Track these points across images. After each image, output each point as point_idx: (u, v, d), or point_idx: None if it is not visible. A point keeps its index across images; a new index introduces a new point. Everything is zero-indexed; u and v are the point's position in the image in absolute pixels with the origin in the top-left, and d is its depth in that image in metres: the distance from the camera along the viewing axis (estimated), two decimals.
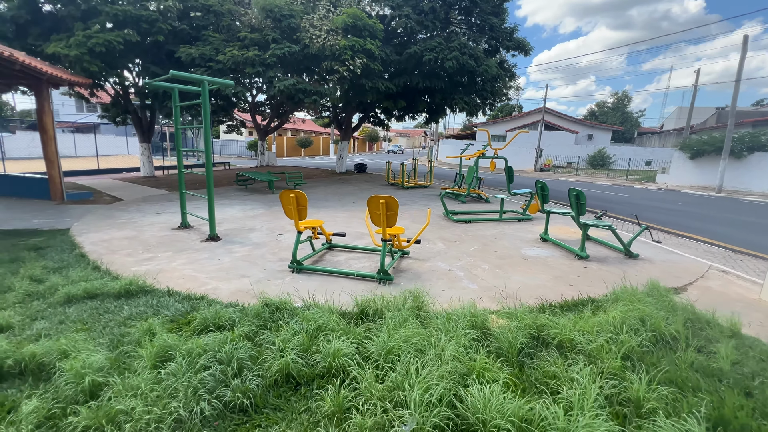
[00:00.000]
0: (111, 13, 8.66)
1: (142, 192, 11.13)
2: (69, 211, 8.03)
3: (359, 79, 9.87)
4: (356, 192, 11.95)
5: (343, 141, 18.24)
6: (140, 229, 6.68)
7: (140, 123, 15.10)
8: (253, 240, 6.17)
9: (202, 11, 9.72)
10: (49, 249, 5.43)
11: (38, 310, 3.50)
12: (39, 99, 8.41)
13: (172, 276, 4.44)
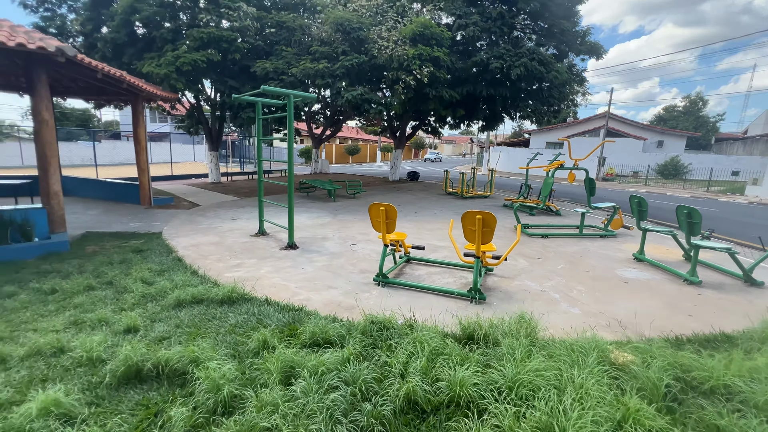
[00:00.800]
0: (197, 36, 9.41)
1: (214, 198, 11.85)
2: (157, 215, 8.71)
3: (423, 88, 9.84)
4: (415, 201, 11.84)
5: (397, 149, 18.30)
6: (222, 235, 7.04)
7: (210, 133, 16.21)
8: (329, 249, 6.24)
9: (275, 27, 10.26)
10: (149, 252, 5.86)
11: (154, 312, 3.72)
12: (135, 113, 9.26)
13: (264, 284, 4.56)
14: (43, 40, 5.29)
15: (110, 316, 3.62)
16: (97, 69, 6.16)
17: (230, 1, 9.59)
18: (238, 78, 10.74)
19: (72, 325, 3.48)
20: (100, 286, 4.41)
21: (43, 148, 5.86)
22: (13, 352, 2.99)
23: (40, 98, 5.74)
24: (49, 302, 3.98)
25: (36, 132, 5.79)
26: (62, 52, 5.24)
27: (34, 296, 4.10)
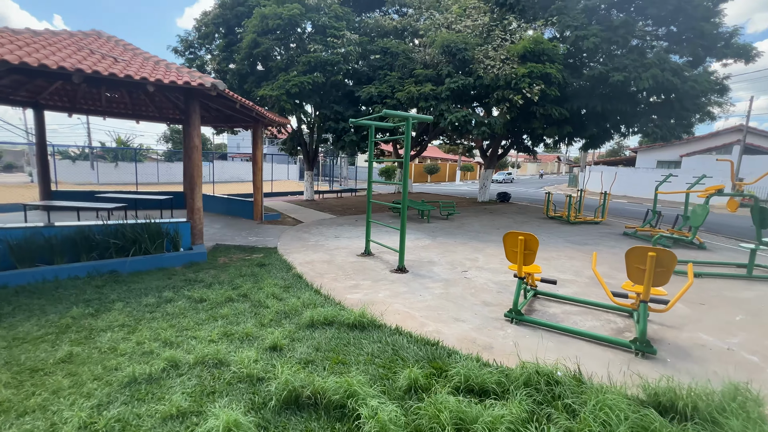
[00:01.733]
0: (305, 61, 10.26)
1: (313, 215, 12.52)
2: (269, 231, 9.41)
3: (530, 107, 9.27)
4: (516, 226, 11.04)
5: (488, 169, 17.58)
6: (330, 254, 7.24)
7: (308, 154, 17.45)
8: (440, 275, 5.97)
9: (380, 53, 10.74)
10: (271, 266, 6.23)
11: (291, 331, 3.79)
12: (255, 138, 10.31)
13: (387, 310, 4.42)
14: (201, 77, 6.11)
15: (254, 331, 3.77)
16: (236, 100, 6.92)
17: (335, 29, 10.33)
18: (342, 102, 11.42)
19: (224, 336, 3.69)
20: (238, 299, 4.72)
21: (192, 170, 6.70)
22: (182, 359, 3.24)
23: (193, 126, 6.61)
24: (200, 310, 4.35)
25: (188, 156, 6.67)
26: (215, 87, 5.98)
27: (187, 303, 4.52)
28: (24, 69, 4.94)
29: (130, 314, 4.23)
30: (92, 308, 4.35)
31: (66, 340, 3.64)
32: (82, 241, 5.69)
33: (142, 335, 3.68)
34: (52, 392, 2.83)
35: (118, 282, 5.29)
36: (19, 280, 5.05)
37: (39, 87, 9.57)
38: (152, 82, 5.53)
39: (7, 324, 3.95)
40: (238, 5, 11.69)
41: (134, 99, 10.91)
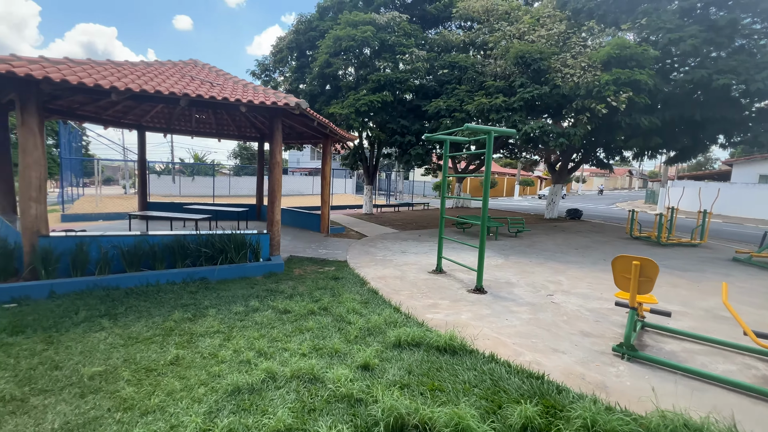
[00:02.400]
0: (374, 79, 10.51)
1: (375, 229, 12.60)
2: (336, 244, 9.60)
3: (614, 116, 8.54)
4: (596, 246, 10.11)
5: (557, 184, 16.52)
6: (401, 269, 7.13)
7: (368, 169, 17.79)
8: (522, 298, 5.55)
9: (447, 68, 10.72)
10: (344, 280, 6.27)
11: (379, 350, 3.69)
12: (324, 153, 10.70)
13: (474, 334, 4.15)
14: (286, 97, 6.46)
15: (342, 347, 3.73)
16: (314, 118, 7.22)
17: (404, 47, 10.51)
18: (407, 117, 11.52)
19: (313, 350, 3.69)
20: (320, 312, 4.76)
21: (273, 184, 7.06)
22: (278, 371, 3.27)
23: (276, 143, 6.98)
24: (286, 322, 4.44)
25: (270, 171, 7.04)
26: (299, 106, 6.28)
27: (273, 314, 4.65)
28: (142, 95, 5.58)
29: (223, 321, 4.44)
30: (190, 313, 4.64)
31: (171, 342, 3.88)
32: (178, 249, 6.19)
33: (238, 344, 3.81)
34: (167, 394, 2.99)
35: (209, 289, 5.63)
36: (129, 282, 5.59)
37: (143, 111, 10.88)
38: (245, 103, 5.95)
39: (122, 323, 4.34)
40: (310, 30, 12.47)
41: (218, 119, 11.97)
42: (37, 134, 5.42)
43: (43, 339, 3.91)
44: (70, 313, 4.57)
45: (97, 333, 4.08)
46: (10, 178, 7.83)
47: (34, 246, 5.44)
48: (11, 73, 4.80)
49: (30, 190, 5.44)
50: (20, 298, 4.97)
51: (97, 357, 3.56)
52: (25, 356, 3.55)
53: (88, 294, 5.20)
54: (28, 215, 5.45)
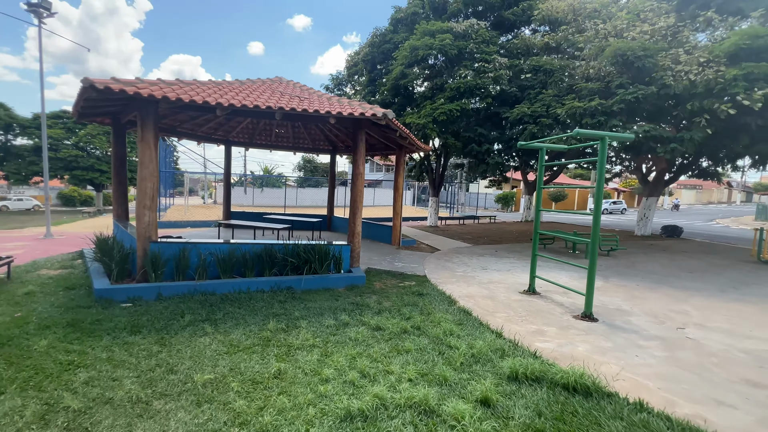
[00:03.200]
0: (453, 87, 10.21)
1: (446, 242, 12.12)
2: (410, 257, 9.31)
3: (741, 118, 7.24)
4: (711, 269, 8.62)
5: (651, 197, 14.66)
6: (487, 288, 6.61)
7: (434, 180, 17.43)
8: (646, 330, 4.74)
9: (531, 72, 10.10)
10: (429, 296, 5.93)
11: (494, 383, 3.25)
12: (398, 164, 10.58)
13: (603, 371, 3.53)
14: (372, 108, 6.40)
15: (451, 376, 3.37)
16: (397, 128, 7.09)
17: (485, 54, 10.09)
18: (484, 125, 11.02)
19: (420, 377, 3.38)
20: (413, 331, 4.46)
21: (355, 195, 7.02)
22: (387, 397, 3.00)
23: (360, 154, 6.95)
24: (380, 340, 4.20)
25: (353, 182, 7.02)
26: (385, 116, 6.17)
27: (366, 331, 4.44)
28: (243, 110, 5.86)
29: (316, 334, 4.33)
30: (283, 324, 4.62)
31: (271, 354, 3.83)
32: (267, 258, 6.34)
33: (337, 361, 3.64)
34: (278, 411, 2.87)
35: (295, 298, 5.64)
36: (223, 288, 5.81)
37: (231, 127, 11.73)
38: (334, 114, 5.98)
39: (222, 330, 4.43)
40: (384, 43, 12.64)
41: (295, 133, 12.51)
42: (152, 149, 5.93)
43: (157, 340, 4.09)
44: (177, 316, 4.80)
45: (202, 338, 4.19)
46: (125, 188, 8.78)
47: (146, 250, 5.90)
48: (138, 94, 5.30)
49: (145, 198, 5.93)
50: (134, 299, 5.38)
51: (206, 364, 3.60)
52: (143, 356, 3.72)
53: (189, 298, 5.48)
54: (142, 222, 5.93)
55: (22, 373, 3.34)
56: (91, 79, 5.14)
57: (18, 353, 3.71)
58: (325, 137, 12.55)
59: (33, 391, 3.08)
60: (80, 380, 3.25)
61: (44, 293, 5.65)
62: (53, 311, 4.85)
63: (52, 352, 3.75)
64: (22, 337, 4.06)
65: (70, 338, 4.06)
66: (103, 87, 5.14)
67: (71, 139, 24.51)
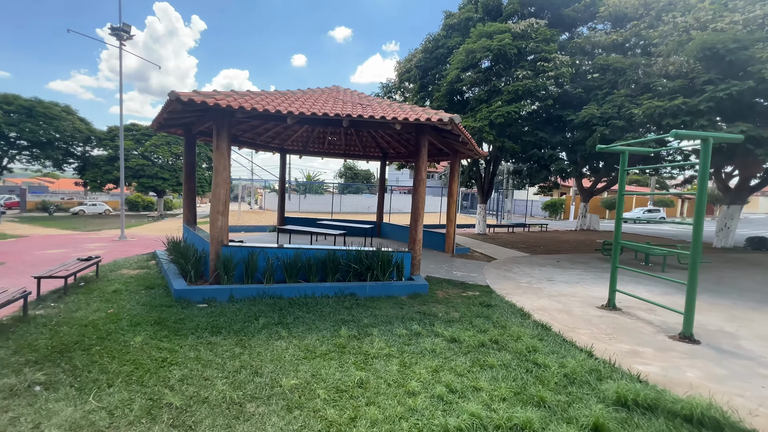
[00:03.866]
0: (511, 89, 9.85)
1: (499, 251, 11.65)
2: (466, 265, 9.02)
3: None
4: None
5: (734, 205, 13.19)
6: (559, 301, 6.19)
7: (483, 187, 16.93)
8: (762, 356, 4.15)
9: (598, 72, 9.51)
10: (497, 308, 5.64)
11: (601, 409, 2.95)
12: (452, 170, 10.36)
13: (728, 403, 3.09)
14: (437, 113, 6.28)
15: (548, 397, 3.10)
16: (461, 133, 6.91)
17: (546, 53, 9.66)
18: (544, 128, 10.52)
19: (513, 396, 3.15)
20: (491, 345, 4.22)
21: (417, 201, 6.91)
22: (485, 417, 2.80)
23: (422, 160, 6.85)
24: (458, 353, 4.01)
25: (414, 188, 6.92)
26: (451, 121, 6.02)
27: (441, 342, 4.27)
28: (312, 118, 5.98)
29: (389, 343, 4.23)
30: (354, 331, 4.57)
31: (349, 362, 3.77)
32: (330, 264, 6.38)
33: (420, 373, 3.50)
34: (371, 424, 2.77)
35: (360, 305, 5.59)
36: (289, 293, 5.90)
37: (287, 136, 12.14)
38: (400, 120, 5.94)
39: (296, 334, 4.46)
40: (437, 48, 12.54)
41: (347, 140, 12.70)
42: (226, 157, 6.21)
43: (237, 342, 4.19)
44: (251, 318, 4.91)
45: (278, 342, 4.23)
46: (194, 194, 9.31)
47: (218, 254, 6.15)
48: (217, 105, 5.59)
49: (219, 204, 6.21)
50: (209, 300, 5.61)
51: (288, 368, 3.61)
52: (227, 357, 3.81)
53: (259, 301, 5.61)
54: (216, 226, 6.20)
55: (124, 367, 3.54)
56: (177, 93, 5.49)
57: (117, 348, 3.95)
58: (377, 144, 12.62)
59: (136, 386, 3.23)
60: (175, 377, 3.37)
61: (129, 291, 6.06)
62: (140, 309, 5.16)
63: (146, 349, 3.95)
64: (119, 333, 4.33)
65: (159, 336, 4.27)
66: (187, 99, 5.46)
67: (138, 150, 26.76)
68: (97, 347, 3.96)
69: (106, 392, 3.12)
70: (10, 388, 3.13)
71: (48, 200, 29.46)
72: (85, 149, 27.31)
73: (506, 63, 9.94)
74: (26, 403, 2.94)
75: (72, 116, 25.22)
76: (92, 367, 3.52)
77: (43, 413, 2.81)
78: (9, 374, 3.35)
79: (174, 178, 27.84)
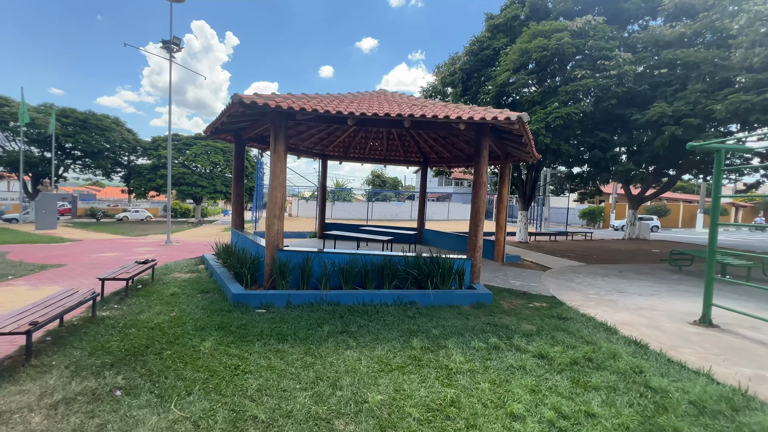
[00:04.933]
0: (569, 90, 9.33)
1: (549, 260, 11.00)
2: (521, 274, 8.50)
3: None
4: None
5: None
6: (642, 315, 5.61)
7: (524, 193, 16.26)
8: None
9: (666, 67, 8.84)
10: (572, 321, 5.16)
11: None
12: (502, 174, 9.92)
13: None
14: (502, 112, 5.93)
15: (684, 429, 2.65)
16: (524, 134, 6.51)
17: (607, 50, 9.09)
18: (605, 129, 9.87)
19: (640, 425, 2.72)
20: (586, 363, 3.78)
21: (478, 205, 6.55)
22: None
23: (483, 162, 6.50)
24: (551, 371, 3.59)
25: (476, 191, 6.56)
26: (520, 119, 5.65)
27: (528, 358, 3.86)
28: (374, 119, 5.79)
29: (467, 357, 3.88)
30: (425, 342, 4.25)
31: (431, 377, 3.46)
32: (387, 270, 6.11)
33: (518, 394, 3.13)
34: None
35: (422, 315, 5.27)
36: (347, 299, 5.66)
37: (329, 142, 12.11)
38: (464, 120, 5.64)
39: (363, 343, 4.19)
40: (482, 50, 12.21)
41: (389, 146, 12.53)
42: (283, 160, 6.12)
43: (305, 350, 3.97)
44: (314, 325, 4.70)
45: (347, 351, 3.98)
46: (242, 199, 9.36)
47: (275, 258, 6.03)
48: (278, 107, 5.50)
49: (275, 208, 6.11)
50: (266, 305, 5.46)
51: (367, 381, 3.34)
52: (300, 366, 3.59)
53: (317, 307, 5.41)
54: (272, 230, 6.09)
55: (198, 374, 3.39)
56: (240, 95, 5.45)
57: (188, 353, 3.82)
58: (419, 149, 12.38)
59: (215, 395, 3.06)
60: (252, 387, 3.18)
61: (185, 295, 6.03)
62: (200, 313, 5.08)
63: (217, 355, 3.80)
64: (186, 337, 4.23)
65: (226, 341, 4.13)
66: (250, 101, 5.42)
67: (179, 159, 27.90)
68: (168, 351, 3.85)
69: (187, 400, 2.96)
70: (93, 392, 3.04)
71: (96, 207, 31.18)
72: (130, 158, 28.79)
73: (561, 63, 9.46)
74: (110, 408, 2.81)
75: (120, 127, 26.69)
76: (167, 373, 3.39)
77: (129, 421, 2.67)
78: (89, 377, 3.28)
79: (211, 186, 28.76)
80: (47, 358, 3.70)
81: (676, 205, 34.46)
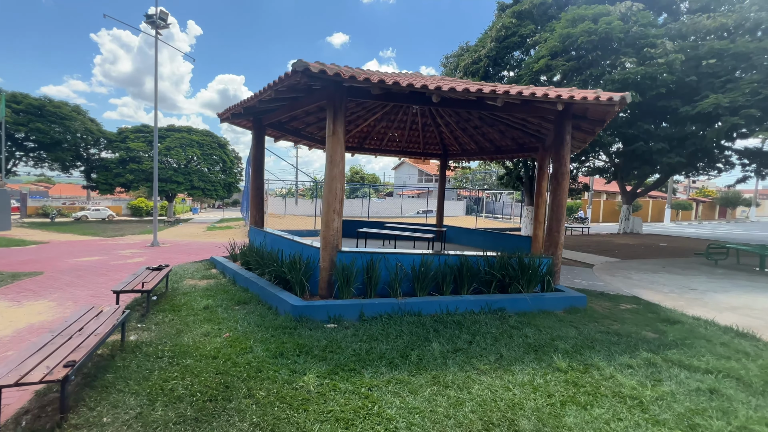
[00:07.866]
0: (616, 79, 8.90)
1: (583, 256, 10.63)
2: (573, 272, 8.04)
3: None
4: None
5: None
6: (747, 313, 5.19)
7: (530, 189, 16.05)
8: None
9: (715, 58, 8.63)
10: (686, 325, 4.63)
11: None
12: (540, 167, 9.35)
13: None
14: (596, 91, 5.29)
15: None
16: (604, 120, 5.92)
17: (652, 37, 8.74)
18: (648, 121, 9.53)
19: None
20: None
21: (560, 197, 5.90)
22: None
23: (566, 149, 5.85)
24: (749, 395, 2.97)
25: (558, 181, 5.90)
26: (624, 100, 5.03)
27: (707, 378, 3.22)
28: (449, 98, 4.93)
29: (627, 377, 3.21)
30: (565, 360, 3.51)
31: (623, 410, 2.72)
32: (466, 273, 5.31)
33: (750, 428, 2.45)
34: None
35: (523, 324, 4.54)
36: (428, 308, 4.83)
37: (347, 131, 11.06)
38: (565, 99, 4.93)
39: (494, 366, 3.39)
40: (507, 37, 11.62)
41: (409, 137, 11.67)
42: (342, 145, 5.15)
43: (432, 380, 3.14)
44: (416, 343, 3.84)
45: (483, 377, 3.20)
46: (263, 193, 8.18)
47: (334, 261, 5.06)
48: (338, 76, 4.52)
49: (335, 201, 5.13)
50: (336, 318, 4.51)
51: (552, 423, 2.55)
52: (449, 405, 2.73)
53: (397, 319, 4.53)
54: (331, 228, 5.11)
55: (326, 427, 2.45)
56: (305, 62, 4.43)
57: (290, 393, 2.85)
58: (440, 140, 11.63)
59: None
60: None
61: (221, 308, 4.94)
62: (260, 332, 4.06)
63: (328, 393, 2.86)
64: (269, 369, 3.23)
65: (324, 372, 3.18)
66: (318, 71, 4.41)
67: (149, 152, 25.41)
68: (261, 392, 2.86)
69: None
70: None
71: (49, 205, 27.88)
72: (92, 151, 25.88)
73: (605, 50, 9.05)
74: None
75: (82, 116, 23.87)
76: (282, 426, 2.43)
77: None
78: None
79: (188, 182, 26.52)
80: (89, 411, 2.61)
81: (645, 201, 36.20)
